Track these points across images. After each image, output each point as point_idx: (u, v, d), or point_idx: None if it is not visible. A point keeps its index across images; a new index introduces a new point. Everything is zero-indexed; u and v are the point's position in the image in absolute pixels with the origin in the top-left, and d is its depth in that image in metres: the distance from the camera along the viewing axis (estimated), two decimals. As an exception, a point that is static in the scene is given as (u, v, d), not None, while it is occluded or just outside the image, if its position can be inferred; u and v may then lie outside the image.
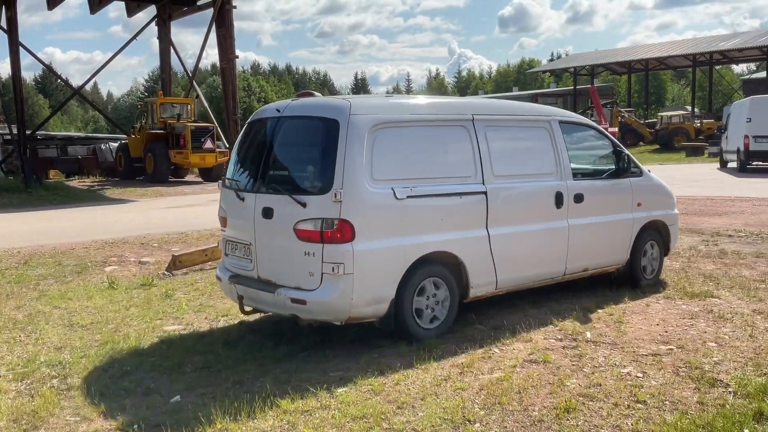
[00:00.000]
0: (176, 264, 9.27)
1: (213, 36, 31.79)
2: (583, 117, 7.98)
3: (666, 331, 5.96)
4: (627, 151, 7.47)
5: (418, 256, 5.65)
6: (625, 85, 68.23)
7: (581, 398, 4.56)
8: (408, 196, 5.57)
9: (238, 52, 31.35)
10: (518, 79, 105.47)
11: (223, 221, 6.32)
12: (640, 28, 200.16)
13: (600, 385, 4.77)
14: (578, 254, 6.89)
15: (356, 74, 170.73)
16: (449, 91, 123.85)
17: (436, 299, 5.90)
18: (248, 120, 6.45)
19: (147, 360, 5.61)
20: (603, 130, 7.79)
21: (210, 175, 28.83)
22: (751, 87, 57.29)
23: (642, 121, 47.74)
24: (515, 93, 74.59)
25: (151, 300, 7.67)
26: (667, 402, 4.47)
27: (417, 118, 5.94)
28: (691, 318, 6.34)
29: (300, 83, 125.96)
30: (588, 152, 7.57)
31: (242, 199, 5.96)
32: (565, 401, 4.47)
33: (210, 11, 31.98)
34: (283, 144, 5.95)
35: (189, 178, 30.81)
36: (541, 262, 6.65)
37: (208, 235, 12.47)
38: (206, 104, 33.73)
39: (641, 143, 44.39)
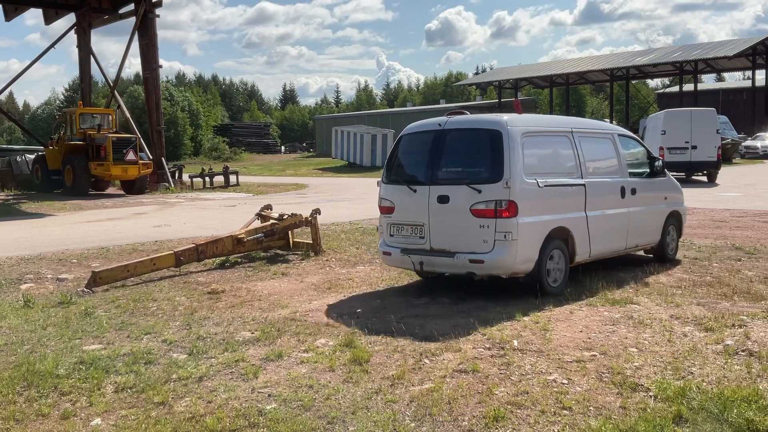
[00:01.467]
0: (96, 280, 8.91)
1: (136, 45, 31.15)
2: (630, 131, 10.27)
3: (589, 338, 6.12)
4: (658, 157, 9.63)
5: (550, 229, 7.59)
6: (547, 99, 70.45)
7: (509, 406, 4.62)
8: (545, 185, 7.55)
9: (162, 61, 30.69)
10: (445, 92, 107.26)
11: (389, 209, 8.02)
12: (561, 43, 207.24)
13: (527, 392, 4.85)
14: (633, 234, 8.96)
15: (284, 85, 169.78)
16: (378, 103, 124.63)
17: (557, 265, 7.77)
18: (403, 133, 8.35)
19: (65, 382, 5.34)
20: (641, 141, 10.13)
21: (133, 187, 28.02)
22: (665, 100, 60.26)
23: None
24: (442, 105, 75.65)
25: (69, 318, 7.33)
26: (591, 408, 4.58)
27: (544, 129, 8.11)
28: (613, 324, 6.54)
29: (227, 94, 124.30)
30: (633, 158, 9.51)
31: (414, 191, 7.68)
32: (494, 410, 4.52)
33: (132, 20, 31.27)
34: (451, 148, 7.68)
35: (110, 190, 29.85)
36: (613, 239, 8.67)
37: (130, 249, 12.07)
38: (128, 114, 32.84)
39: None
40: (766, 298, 7.38)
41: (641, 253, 9.88)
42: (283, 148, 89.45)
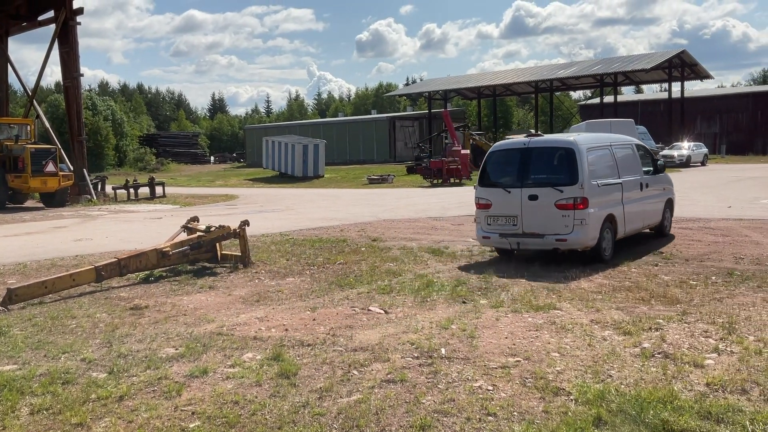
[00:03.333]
0: (12, 298, 8.52)
1: (57, 53, 30.07)
2: (639, 141, 13.21)
3: (514, 344, 6.25)
4: (660, 158, 12.56)
5: (605, 215, 10.42)
6: (475, 110, 71.78)
7: (436, 414, 4.66)
8: (602, 185, 10.39)
9: (85, 70, 29.69)
10: (376, 102, 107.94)
11: (486, 206, 10.73)
12: (488, 56, 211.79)
13: (453, 400, 4.90)
14: (647, 217, 12.04)
15: (213, 94, 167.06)
16: (309, 113, 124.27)
17: (608, 241, 10.54)
18: (492, 150, 11.26)
19: (-26, 406, 5.08)
20: (647, 147, 13.09)
21: (53, 200, 27.00)
22: (587, 112, 62.33)
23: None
24: (374, 116, 76.08)
25: (-20, 339, 6.98)
26: (515, 413, 4.67)
27: (597, 145, 10.98)
28: (537, 330, 6.70)
29: (153, 103, 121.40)
30: (644, 160, 12.30)
31: (509, 192, 10.40)
32: (421, 419, 4.55)
33: (52, 27, 30.20)
34: (537, 161, 10.58)
35: (29, 203, 28.64)
36: (637, 221, 11.63)
37: (48, 265, 11.61)
38: (48, 124, 31.69)
39: (492, 164, 46.59)
40: (681, 302, 7.70)
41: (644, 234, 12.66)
42: (212, 158, 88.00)
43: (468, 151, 39.79)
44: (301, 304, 8.22)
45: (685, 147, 42.82)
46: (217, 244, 11.11)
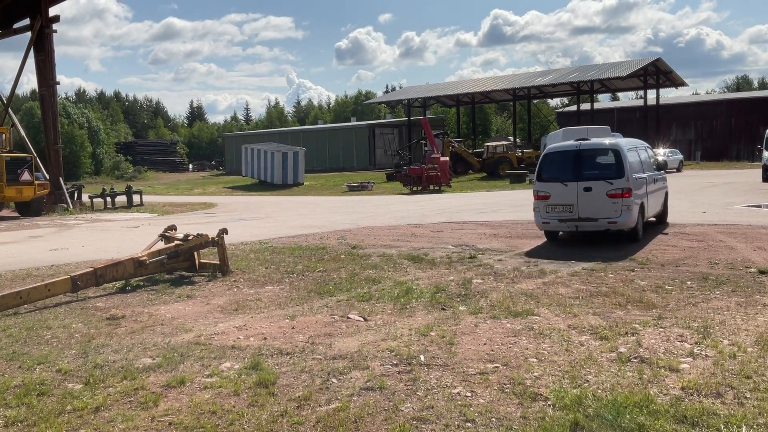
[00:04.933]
0: (-15, 309, 8.40)
1: (33, 60, 29.75)
2: (647, 144, 16.33)
3: (492, 350, 6.28)
4: (664, 159, 17.27)
5: (640, 203, 12.93)
6: (454, 117, 72.10)
7: (415, 422, 4.66)
8: (637, 179, 12.85)
9: (62, 77, 29.54)
10: (356, 110, 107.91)
11: (546, 197, 12.99)
12: (466, 63, 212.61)
13: (432, 407, 4.91)
14: (657, 206, 14.72)
15: (192, 102, 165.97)
16: (289, 120, 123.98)
17: (641, 224, 13.06)
18: (546, 152, 13.68)
19: (-54, 420, 4.99)
20: (652, 149, 16.72)
21: (28, 209, 26.67)
22: (565, 119, 62.93)
23: (470, 151, 50.53)
24: (353, 123, 76.14)
25: (-47, 351, 6.86)
26: (493, 419, 4.69)
27: (632, 146, 13.75)
28: (515, 336, 6.73)
29: (130, 110, 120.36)
30: (653, 159, 15.23)
31: (566, 185, 12.73)
32: (400, 426, 4.56)
33: (28, 35, 29.89)
34: (588, 159, 13.03)
35: (4, 213, 28.23)
36: (653, 209, 14.37)
37: (24, 275, 11.46)
38: (23, 133, 31.30)
39: (470, 171, 46.93)
40: (657, 307, 7.79)
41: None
42: (191, 166, 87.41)
43: (447, 159, 39.99)
44: (280, 313, 8.19)
45: (660, 153, 43.39)
46: (195, 253, 11.04)
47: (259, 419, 4.79)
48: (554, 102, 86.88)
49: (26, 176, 25.96)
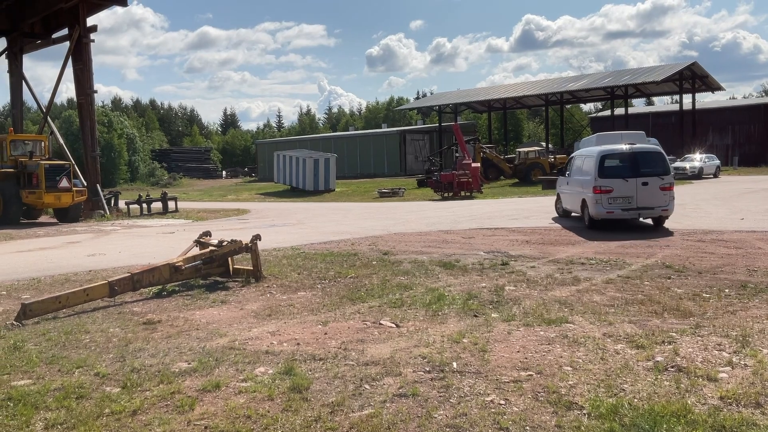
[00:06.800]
0: (27, 313, 8.59)
1: (71, 70, 30.43)
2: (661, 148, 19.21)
3: (526, 358, 6.23)
4: (674, 160, 21.45)
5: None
6: (485, 123, 71.86)
7: (448, 429, 4.65)
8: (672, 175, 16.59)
9: (100, 86, 30.18)
10: (387, 116, 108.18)
11: (608, 191, 15.83)
12: (498, 69, 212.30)
13: (465, 414, 4.90)
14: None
15: (225, 110, 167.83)
16: (320, 127, 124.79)
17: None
18: (602, 154, 16.39)
19: (-11, 421, 5.13)
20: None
21: (66, 215, 27.22)
22: (598, 124, 62.22)
23: (502, 157, 50.25)
24: (384, 130, 76.32)
25: (-4, 354, 7.04)
26: (527, 427, 4.66)
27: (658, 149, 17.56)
28: (549, 343, 6.68)
29: (165, 118, 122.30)
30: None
31: (627, 181, 15.75)
32: (433, 433, 4.55)
33: (66, 44, 30.59)
34: (641, 159, 16.20)
35: (43, 219, 28.89)
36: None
37: (62, 280, 11.70)
38: (62, 140, 32.02)
39: (502, 177, 46.67)
40: (694, 315, 7.66)
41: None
42: (224, 173, 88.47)
43: (478, 164, 39.80)
44: (313, 318, 8.24)
45: (697, 159, 42.65)
46: (229, 259, 11.17)
47: (293, 424, 4.83)
48: (587, 107, 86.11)
49: (64, 183, 26.47)
